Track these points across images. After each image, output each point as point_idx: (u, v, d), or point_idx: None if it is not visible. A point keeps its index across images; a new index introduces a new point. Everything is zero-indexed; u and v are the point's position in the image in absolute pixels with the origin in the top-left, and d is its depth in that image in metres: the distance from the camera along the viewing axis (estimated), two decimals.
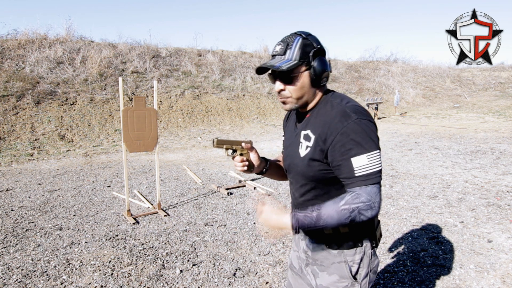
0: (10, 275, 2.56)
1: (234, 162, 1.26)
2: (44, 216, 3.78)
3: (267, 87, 13.66)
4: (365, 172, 0.99)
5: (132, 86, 10.86)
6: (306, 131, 1.12)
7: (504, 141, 8.28)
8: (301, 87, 1.09)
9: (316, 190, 1.13)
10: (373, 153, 0.99)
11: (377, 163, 1.00)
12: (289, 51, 1.06)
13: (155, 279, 2.51)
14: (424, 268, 2.64)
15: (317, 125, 1.09)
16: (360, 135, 0.99)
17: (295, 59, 1.05)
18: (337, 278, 1.14)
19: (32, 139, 7.76)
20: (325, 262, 1.17)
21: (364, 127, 1.00)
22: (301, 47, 1.06)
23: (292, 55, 1.05)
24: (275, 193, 4.59)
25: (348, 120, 1.00)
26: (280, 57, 1.07)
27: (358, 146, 0.99)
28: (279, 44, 1.09)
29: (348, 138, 0.99)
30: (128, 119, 3.58)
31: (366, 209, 0.97)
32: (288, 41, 1.07)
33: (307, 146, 1.10)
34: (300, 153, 1.13)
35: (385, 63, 19.72)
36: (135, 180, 5.31)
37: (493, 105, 15.75)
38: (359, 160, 0.98)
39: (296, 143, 1.16)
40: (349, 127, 0.99)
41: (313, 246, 1.21)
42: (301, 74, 1.07)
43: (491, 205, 4.00)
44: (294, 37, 1.07)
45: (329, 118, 1.05)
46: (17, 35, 10.92)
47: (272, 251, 2.96)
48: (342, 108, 1.04)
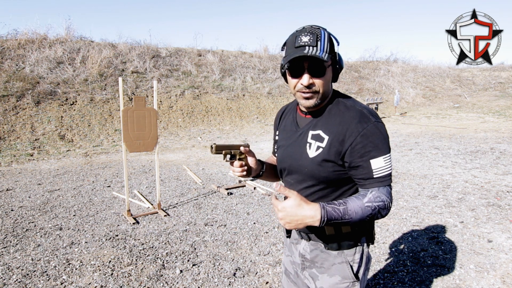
0: (10, 275, 2.56)
1: (233, 168, 1.23)
2: (44, 216, 3.77)
3: (267, 87, 13.66)
4: (382, 174, 1.02)
5: (132, 86, 10.86)
6: (316, 131, 1.09)
7: (504, 141, 8.28)
8: (328, 82, 1.06)
9: (324, 190, 1.12)
10: (388, 155, 1.03)
11: (391, 165, 1.04)
12: (319, 42, 0.99)
13: (155, 279, 2.51)
14: (424, 268, 2.64)
15: (330, 125, 1.06)
16: (379, 137, 1.02)
17: (326, 51, 1.00)
18: (339, 279, 1.13)
19: (32, 139, 7.76)
20: (325, 264, 1.16)
21: (382, 130, 1.03)
22: (329, 41, 1.03)
23: (323, 47, 1.00)
24: (275, 193, 4.59)
25: (368, 123, 1.02)
26: (312, 48, 0.98)
27: (377, 149, 1.01)
28: (306, 35, 1.00)
29: (368, 140, 1.01)
30: (128, 119, 3.58)
31: (383, 208, 1.01)
32: (315, 32, 1.01)
33: (319, 147, 1.07)
34: (308, 154, 1.10)
35: (385, 63, 19.72)
36: (135, 180, 5.31)
37: (493, 105, 15.75)
38: (377, 162, 1.01)
39: (302, 143, 1.13)
40: (369, 129, 1.01)
41: (311, 248, 1.20)
42: (329, 68, 1.04)
43: (491, 205, 4.00)
44: (318, 29, 1.02)
45: (346, 119, 1.04)
46: (17, 35, 10.93)
47: (272, 251, 2.96)
48: (360, 110, 1.05)
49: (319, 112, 1.11)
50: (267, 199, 4.36)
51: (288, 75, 1.08)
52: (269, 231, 3.38)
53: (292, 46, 1.02)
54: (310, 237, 1.19)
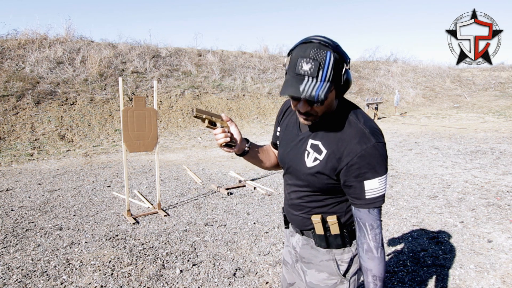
0: (10, 275, 2.56)
1: (215, 135, 1.19)
2: (44, 216, 3.77)
3: (267, 87, 13.66)
4: (373, 196, 1.03)
5: (132, 86, 10.86)
6: (316, 142, 1.09)
7: (504, 141, 8.28)
8: (329, 104, 1.02)
9: (318, 196, 1.15)
10: (384, 176, 1.03)
11: (385, 186, 1.04)
12: (321, 71, 0.91)
13: (155, 279, 2.51)
14: (424, 268, 2.64)
15: (330, 140, 1.05)
16: (376, 159, 1.00)
17: (327, 80, 0.92)
18: (326, 276, 1.17)
19: (32, 139, 7.76)
20: (313, 260, 1.20)
21: (381, 152, 1.01)
22: (334, 66, 0.92)
23: (325, 76, 0.92)
24: (275, 193, 4.59)
25: (367, 144, 1.00)
26: (311, 80, 0.91)
27: (373, 170, 1.01)
28: (308, 63, 0.91)
29: (365, 162, 1.00)
30: (128, 119, 3.58)
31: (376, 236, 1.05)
32: (318, 58, 0.91)
33: (316, 158, 1.08)
34: (306, 162, 1.11)
35: (385, 63, 19.72)
36: (135, 180, 5.31)
37: (493, 105, 15.75)
38: (371, 183, 1.01)
39: (301, 150, 1.13)
40: (367, 151, 0.99)
41: (302, 243, 1.23)
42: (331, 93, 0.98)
43: (491, 205, 4.00)
44: (323, 52, 0.91)
45: (346, 137, 1.02)
46: (17, 35, 10.93)
47: (272, 251, 2.96)
48: (361, 129, 1.02)
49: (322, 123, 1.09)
50: (267, 199, 4.36)
51: None
52: (269, 231, 3.38)
53: (293, 70, 0.94)
54: (304, 233, 1.22)
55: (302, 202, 1.18)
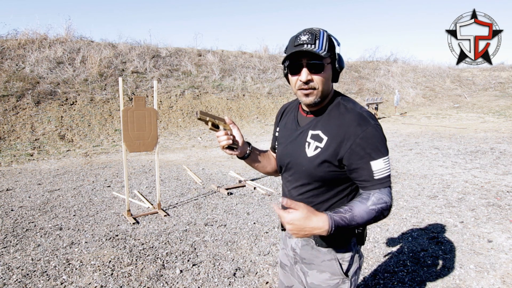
0: (10, 275, 2.56)
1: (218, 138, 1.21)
2: (44, 216, 3.77)
3: (267, 87, 13.66)
4: (382, 176, 1.04)
5: (132, 86, 10.86)
6: (316, 132, 1.11)
7: (504, 141, 8.28)
8: (327, 79, 1.07)
9: (318, 189, 1.14)
10: (387, 157, 1.05)
11: (389, 167, 1.06)
12: (318, 41, 1.03)
13: (155, 279, 2.51)
14: (424, 268, 2.64)
15: (330, 126, 1.08)
16: (378, 140, 1.04)
17: (325, 49, 1.03)
18: (328, 276, 1.16)
19: (32, 139, 7.76)
20: (314, 261, 1.19)
21: (380, 133, 1.05)
22: (328, 40, 1.05)
23: (322, 45, 1.03)
24: (275, 193, 4.59)
25: (367, 125, 1.03)
26: (309, 46, 1.02)
27: (376, 151, 1.03)
28: (304, 34, 1.04)
29: (367, 143, 1.02)
30: (128, 119, 3.58)
31: (386, 209, 1.03)
32: (314, 32, 1.04)
33: (317, 147, 1.10)
34: (306, 153, 1.12)
35: (385, 63, 19.72)
36: (135, 180, 5.31)
37: (493, 105, 15.75)
38: (377, 163, 1.03)
39: (301, 142, 1.15)
40: (368, 132, 1.03)
41: (301, 244, 1.22)
42: (327, 66, 1.06)
43: (491, 205, 4.00)
44: (318, 30, 1.05)
45: (346, 122, 1.06)
46: (17, 35, 10.93)
47: (272, 251, 2.96)
48: (359, 112, 1.07)
49: (320, 112, 1.13)
50: (267, 199, 4.36)
51: (289, 74, 1.10)
52: (269, 231, 3.38)
53: (292, 46, 1.05)
54: None
55: (303, 198, 1.17)
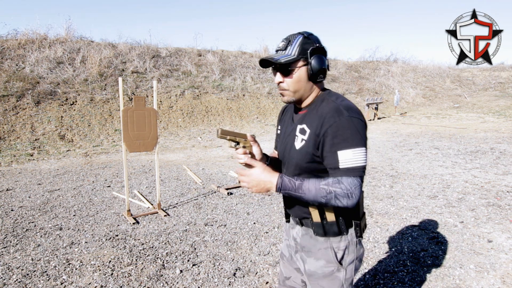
0: (10, 275, 2.56)
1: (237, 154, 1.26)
2: (44, 216, 3.77)
3: (267, 87, 13.66)
4: (348, 166, 1.07)
5: (132, 86, 10.86)
6: (302, 126, 1.20)
7: (504, 141, 8.28)
8: (297, 81, 1.17)
9: None
10: (359, 149, 1.07)
11: (362, 159, 1.08)
12: (289, 47, 1.15)
13: (155, 279, 2.51)
14: (424, 268, 2.64)
15: (313, 120, 1.16)
16: (349, 131, 1.07)
17: (293, 54, 1.14)
18: (323, 263, 1.23)
19: (32, 139, 7.76)
20: (312, 249, 1.26)
21: (353, 125, 1.08)
22: (301, 44, 1.15)
23: (292, 50, 1.14)
24: (275, 193, 4.59)
25: (340, 116, 1.08)
26: (281, 52, 1.16)
27: (345, 141, 1.07)
28: (282, 41, 1.18)
29: (337, 133, 1.07)
30: (128, 119, 3.58)
31: (343, 196, 1.05)
32: (290, 38, 1.17)
33: (302, 139, 1.18)
34: (295, 146, 1.21)
35: (385, 63, 19.72)
36: (135, 180, 5.31)
37: (493, 105, 15.75)
38: (344, 153, 1.07)
39: (292, 136, 1.24)
40: (339, 123, 1.08)
41: (302, 233, 1.30)
42: (298, 69, 1.16)
43: (491, 205, 3.99)
44: (296, 35, 1.17)
45: (324, 113, 1.13)
46: (17, 35, 10.93)
47: (272, 251, 2.96)
48: (336, 105, 1.13)
49: (308, 109, 1.22)
50: (267, 199, 4.36)
51: None
52: (269, 231, 3.38)
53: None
54: (303, 223, 1.29)
55: None
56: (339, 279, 1.21)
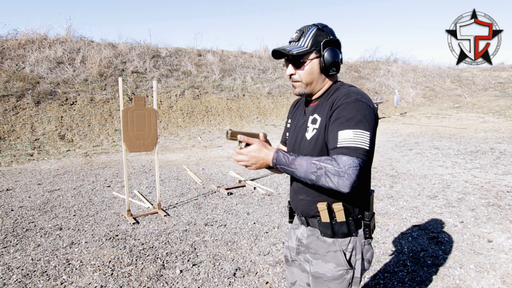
0: (10, 275, 2.56)
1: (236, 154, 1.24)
2: (44, 216, 3.77)
3: (267, 87, 13.66)
4: (347, 145, 1.02)
5: (132, 86, 10.86)
6: (314, 115, 1.19)
7: (504, 141, 8.28)
8: (310, 73, 1.16)
9: None
10: (361, 131, 1.03)
11: (364, 141, 1.03)
12: (302, 38, 1.14)
13: (155, 279, 2.51)
14: (424, 268, 2.64)
15: (324, 108, 1.15)
16: (353, 112, 1.05)
17: (306, 46, 1.13)
18: (333, 266, 1.18)
19: (32, 139, 7.76)
20: (320, 251, 1.20)
21: (359, 107, 1.06)
22: (314, 36, 1.14)
23: (305, 42, 1.14)
24: (275, 193, 4.59)
25: (347, 99, 1.08)
26: (294, 43, 1.15)
27: (348, 121, 1.04)
28: (296, 32, 1.17)
29: (342, 113, 1.06)
30: (128, 119, 3.58)
31: (334, 174, 0.97)
32: (304, 29, 1.16)
33: (314, 129, 1.17)
34: (306, 137, 1.19)
35: (385, 63, 19.72)
36: (135, 180, 5.31)
37: (493, 105, 15.75)
38: (345, 133, 1.04)
39: (304, 128, 1.22)
40: (346, 104, 1.07)
41: (308, 233, 1.25)
42: (310, 61, 1.15)
43: (491, 205, 3.99)
44: (310, 27, 1.16)
45: (335, 99, 1.12)
46: (17, 35, 10.93)
47: (272, 251, 2.96)
48: (347, 90, 1.13)
49: (320, 100, 1.21)
50: (267, 199, 4.36)
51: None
52: (269, 231, 3.38)
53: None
54: (309, 223, 1.24)
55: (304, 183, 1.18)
56: (347, 280, 1.18)
